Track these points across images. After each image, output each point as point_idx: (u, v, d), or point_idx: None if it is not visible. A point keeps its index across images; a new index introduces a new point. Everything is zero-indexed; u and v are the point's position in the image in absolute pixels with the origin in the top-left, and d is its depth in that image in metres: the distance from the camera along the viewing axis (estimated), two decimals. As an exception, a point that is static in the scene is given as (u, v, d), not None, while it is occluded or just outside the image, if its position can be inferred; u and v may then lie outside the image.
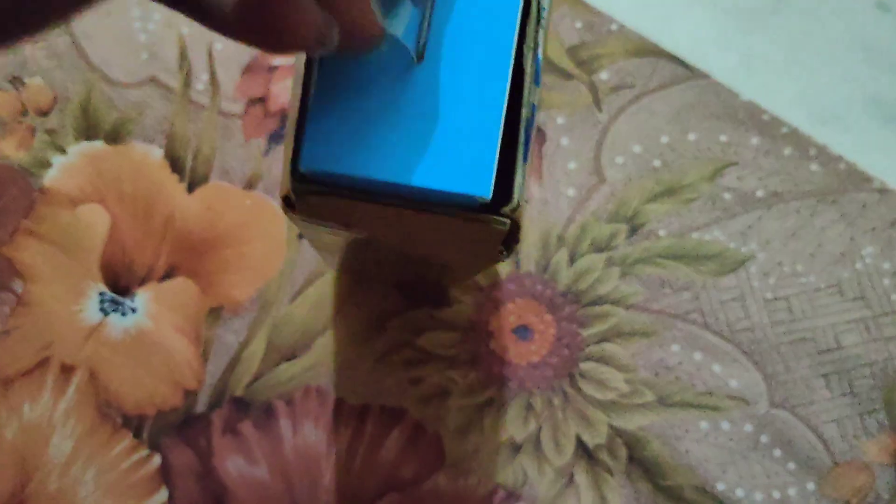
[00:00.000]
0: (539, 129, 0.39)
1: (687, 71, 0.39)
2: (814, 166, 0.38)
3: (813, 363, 0.36)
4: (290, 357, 0.37)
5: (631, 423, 0.36)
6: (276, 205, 0.39)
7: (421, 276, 0.37)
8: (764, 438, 0.35)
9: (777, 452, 0.35)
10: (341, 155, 0.19)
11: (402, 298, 0.37)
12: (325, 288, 0.38)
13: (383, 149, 0.18)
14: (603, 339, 0.37)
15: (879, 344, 0.36)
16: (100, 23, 0.42)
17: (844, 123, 0.39)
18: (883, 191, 0.38)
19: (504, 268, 0.37)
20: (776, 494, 0.35)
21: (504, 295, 0.37)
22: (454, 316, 0.37)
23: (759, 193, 0.38)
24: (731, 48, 0.40)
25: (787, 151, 0.38)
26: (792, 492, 0.35)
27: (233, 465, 0.36)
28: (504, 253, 0.21)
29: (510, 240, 0.20)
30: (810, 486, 0.35)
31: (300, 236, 0.38)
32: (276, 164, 0.39)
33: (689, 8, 0.41)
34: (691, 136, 0.39)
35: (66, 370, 0.37)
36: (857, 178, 0.38)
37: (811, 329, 0.36)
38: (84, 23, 0.42)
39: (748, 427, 0.35)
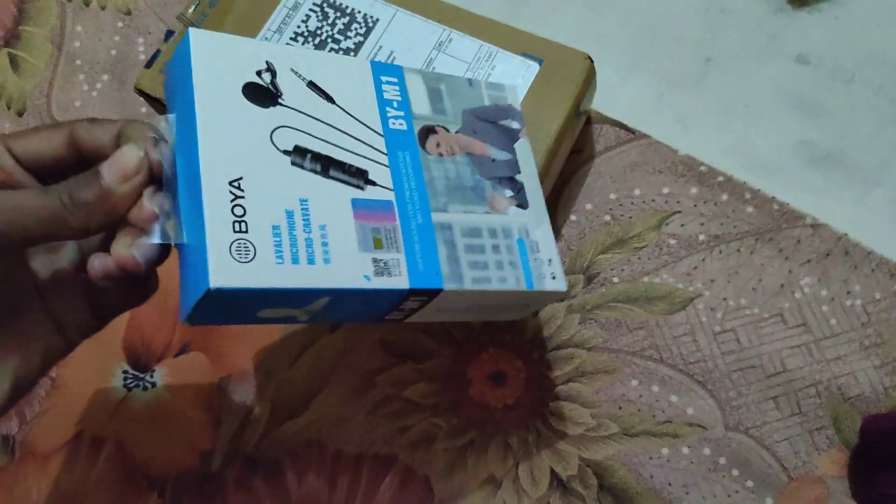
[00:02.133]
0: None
1: (628, 133, 0.44)
2: (749, 209, 0.42)
3: (762, 387, 0.39)
4: (293, 416, 0.42)
5: (599, 453, 0.39)
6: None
7: (402, 334, 0.41)
8: (722, 460, 0.39)
9: (735, 472, 0.38)
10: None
11: (388, 356, 0.42)
12: (319, 352, 0.42)
13: None
14: (569, 379, 0.41)
15: (822, 365, 0.39)
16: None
17: (775, 168, 0.43)
18: (815, 225, 0.42)
19: (476, 321, 0.42)
20: (737, 511, 0.38)
21: (478, 346, 0.41)
22: (435, 368, 0.41)
23: (702, 237, 0.42)
24: (667, 109, 0.45)
25: (724, 197, 0.42)
26: (752, 507, 0.38)
27: (246, 517, 0.40)
28: None
29: None
30: (768, 501, 0.38)
31: (295, 307, 0.43)
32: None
33: (625, 78, 0.45)
34: (637, 191, 0.43)
35: (97, 442, 0.42)
36: (790, 216, 0.42)
37: (758, 356, 0.40)
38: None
39: (707, 450, 0.39)
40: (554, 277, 0.32)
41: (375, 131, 0.31)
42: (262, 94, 0.29)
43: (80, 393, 0.43)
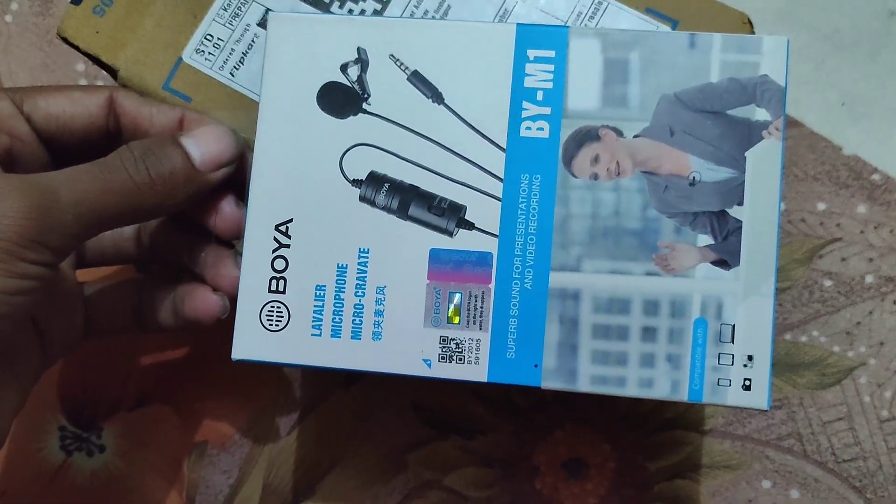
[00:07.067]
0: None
1: (773, 119, 0.31)
2: (939, 240, 0.30)
3: (942, 499, 0.29)
4: (292, 502, 0.31)
5: (714, 583, 0.29)
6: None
7: (444, 398, 0.30)
8: None
9: None
10: None
11: (424, 426, 0.30)
12: (330, 414, 0.31)
13: None
14: (675, 473, 0.30)
15: None
16: None
17: (978, 180, 0.30)
18: None
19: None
20: None
21: (550, 420, 0.30)
22: (490, 448, 0.30)
23: (870, 279, 0.30)
24: (829, 85, 0.31)
25: (905, 222, 0.30)
26: None
27: None
28: None
29: None
30: None
31: (296, 350, 0.31)
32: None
33: (776, 32, 0.32)
34: (781, 205, 0.31)
35: (28, 523, 0.31)
36: None
37: (939, 455, 0.29)
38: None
39: (861, 584, 0.29)
40: (748, 387, 0.20)
41: (495, 144, 0.22)
42: (344, 97, 0.22)
43: (5, 454, 0.32)
